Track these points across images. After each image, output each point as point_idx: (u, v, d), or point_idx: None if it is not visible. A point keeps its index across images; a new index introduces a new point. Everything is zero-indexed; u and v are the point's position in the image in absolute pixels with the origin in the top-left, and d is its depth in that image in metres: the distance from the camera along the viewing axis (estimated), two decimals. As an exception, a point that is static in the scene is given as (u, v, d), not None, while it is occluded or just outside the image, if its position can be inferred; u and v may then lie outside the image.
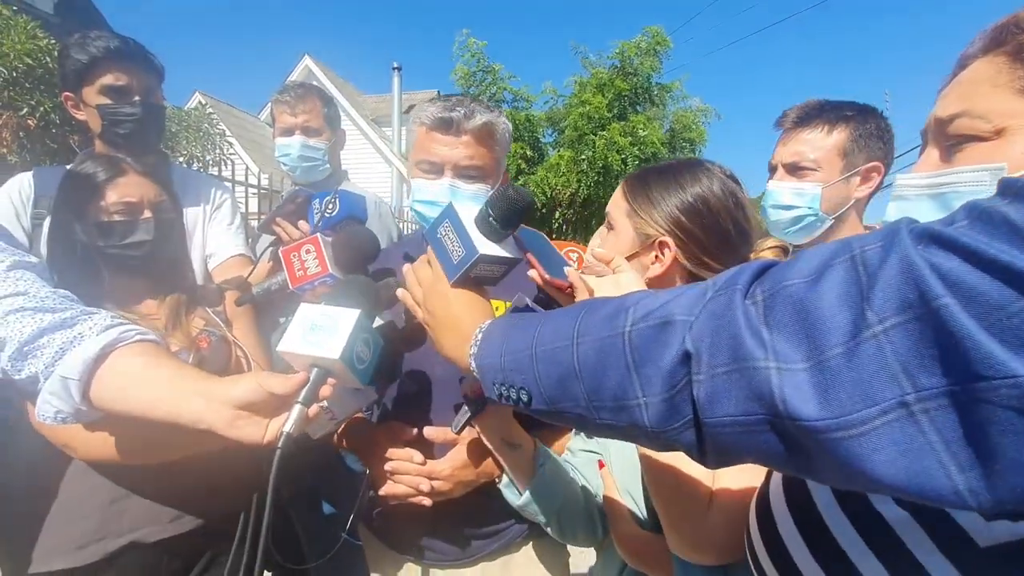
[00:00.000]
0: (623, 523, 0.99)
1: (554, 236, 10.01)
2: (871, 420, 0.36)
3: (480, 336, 0.69)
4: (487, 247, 0.78)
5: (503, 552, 1.26)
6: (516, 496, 1.03)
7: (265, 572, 1.41)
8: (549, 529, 1.06)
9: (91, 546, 1.09)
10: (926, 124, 0.72)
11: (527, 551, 1.28)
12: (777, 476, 0.64)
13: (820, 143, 1.49)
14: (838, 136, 1.48)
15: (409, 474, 1.12)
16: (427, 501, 1.11)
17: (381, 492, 1.15)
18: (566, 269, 0.95)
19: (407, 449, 1.14)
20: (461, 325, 0.74)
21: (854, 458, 0.37)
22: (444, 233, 0.81)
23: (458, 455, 1.12)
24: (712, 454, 0.48)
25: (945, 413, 0.34)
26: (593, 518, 1.08)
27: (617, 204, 1.05)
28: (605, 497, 1.05)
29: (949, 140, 0.66)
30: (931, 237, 0.36)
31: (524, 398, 0.60)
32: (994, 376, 0.31)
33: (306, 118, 2.11)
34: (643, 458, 0.91)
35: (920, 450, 0.35)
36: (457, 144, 1.17)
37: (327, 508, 1.85)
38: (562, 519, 1.04)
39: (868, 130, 1.47)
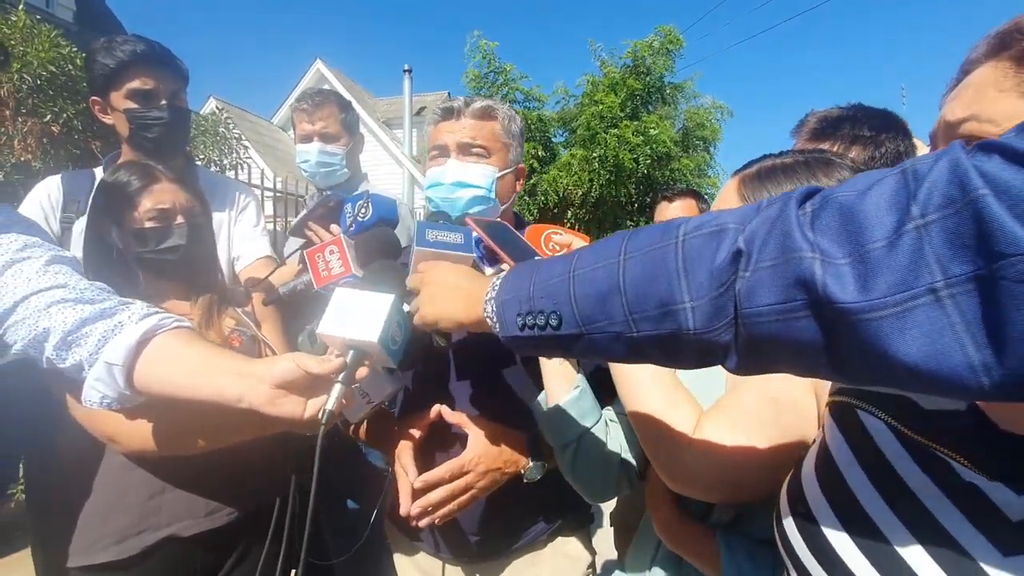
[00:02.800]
0: (666, 506, 0.98)
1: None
2: (901, 304, 0.40)
3: (498, 282, 0.70)
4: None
5: (529, 549, 1.27)
6: (544, 407, 1.06)
7: (291, 571, 1.44)
8: (563, 459, 1.06)
9: (130, 540, 1.12)
10: (935, 128, 0.74)
11: (553, 547, 1.28)
12: (809, 463, 0.64)
13: None
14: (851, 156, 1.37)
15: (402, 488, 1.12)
16: (424, 523, 1.10)
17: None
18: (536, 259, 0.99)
19: (406, 461, 1.14)
20: (465, 287, 0.78)
21: (881, 338, 0.41)
22: (434, 236, 0.94)
23: (480, 440, 1.12)
24: (745, 352, 0.50)
25: (969, 297, 0.38)
26: (611, 469, 1.07)
27: (731, 205, 0.90)
28: (651, 478, 1.04)
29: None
30: (980, 146, 0.40)
31: (553, 322, 0.61)
32: (1013, 253, 0.35)
33: (323, 124, 2.14)
34: (625, 396, 0.92)
35: (941, 331, 0.39)
36: (458, 127, 1.29)
37: (351, 504, 1.87)
38: (580, 450, 1.05)
39: (882, 154, 1.38)
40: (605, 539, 2.62)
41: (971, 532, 0.49)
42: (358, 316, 0.85)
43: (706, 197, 2.78)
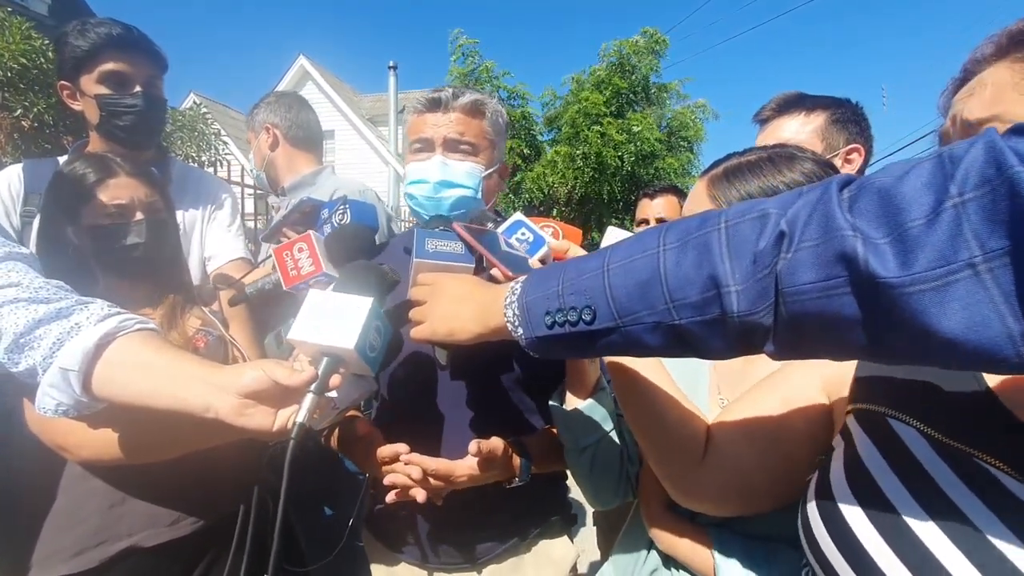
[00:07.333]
0: (657, 505, 0.97)
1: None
2: (941, 278, 0.41)
3: (519, 286, 0.69)
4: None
5: (512, 553, 1.24)
6: (564, 408, 1.04)
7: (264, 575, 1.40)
8: (579, 462, 1.05)
9: (89, 551, 1.06)
10: (947, 126, 0.77)
11: (536, 550, 1.26)
12: (838, 473, 0.63)
13: (799, 128, 1.52)
14: (816, 120, 1.52)
15: (398, 471, 1.10)
16: (420, 497, 1.08)
17: (385, 481, 1.11)
18: (530, 261, 1.00)
19: (391, 446, 1.11)
20: (478, 296, 0.76)
21: (922, 312, 0.42)
22: (434, 246, 0.94)
23: (481, 468, 1.09)
24: (784, 334, 0.51)
25: (1006, 271, 0.39)
26: (622, 476, 1.07)
27: (702, 207, 0.91)
28: (642, 477, 1.04)
29: None
30: (1014, 129, 0.41)
31: (587, 317, 0.61)
32: None
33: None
34: (633, 419, 0.90)
35: (980, 303, 0.40)
36: (446, 120, 1.21)
37: (328, 510, 1.84)
38: (597, 455, 1.04)
39: (844, 114, 1.52)
40: (588, 539, 2.61)
41: (1002, 530, 0.49)
42: (333, 321, 0.79)
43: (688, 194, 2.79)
